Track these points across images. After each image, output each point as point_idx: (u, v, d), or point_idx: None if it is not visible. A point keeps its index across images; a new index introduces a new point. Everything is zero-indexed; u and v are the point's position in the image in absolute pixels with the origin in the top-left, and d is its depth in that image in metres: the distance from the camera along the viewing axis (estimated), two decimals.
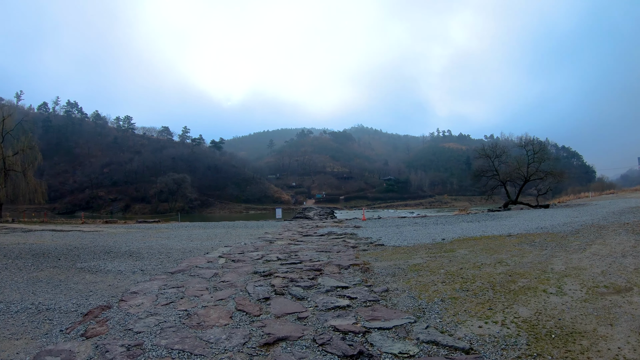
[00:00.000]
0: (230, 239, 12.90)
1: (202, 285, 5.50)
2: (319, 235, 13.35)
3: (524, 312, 4.08)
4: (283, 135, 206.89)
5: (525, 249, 7.80)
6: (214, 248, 10.15)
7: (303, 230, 15.58)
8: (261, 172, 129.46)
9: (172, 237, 14.06)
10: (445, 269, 6.13)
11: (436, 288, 5.00)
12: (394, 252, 8.35)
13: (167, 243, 11.78)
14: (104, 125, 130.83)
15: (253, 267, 6.85)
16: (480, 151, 37.09)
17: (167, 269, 7.10)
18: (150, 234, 15.49)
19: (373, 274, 6.04)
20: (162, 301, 4.76)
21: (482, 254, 7.49)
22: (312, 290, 5.02)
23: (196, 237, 13.58)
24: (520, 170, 33.21)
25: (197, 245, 11.08)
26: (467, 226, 14.94)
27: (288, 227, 18.53)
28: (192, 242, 12.07)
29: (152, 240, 12.69)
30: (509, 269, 5.89)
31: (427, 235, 11.88)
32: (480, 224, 15.94)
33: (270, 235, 13.91)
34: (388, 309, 4.15)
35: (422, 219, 21.58)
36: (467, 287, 4.97)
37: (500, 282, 5.15)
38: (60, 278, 6.59)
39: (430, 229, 14.17)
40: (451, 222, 18.14)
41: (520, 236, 10.10)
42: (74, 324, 4.09)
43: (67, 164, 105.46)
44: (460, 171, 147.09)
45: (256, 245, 10.59)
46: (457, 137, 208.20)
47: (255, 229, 17.58)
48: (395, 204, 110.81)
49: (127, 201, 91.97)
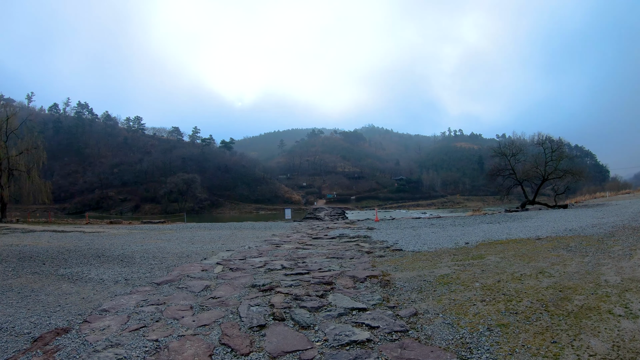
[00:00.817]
0: (235, 241, 12.00)
1: (187, 303, 4.53)
2: (329, 238, 12.35)
3: (598, 345, 3.05)
4: (294, 135, 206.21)
5: (563, 256, 6.73)
6: (214, 252, 9.22)
7: (313, 233, 14.61)
8: (272, 172, 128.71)
9: (173, 239, 13.20)
10: (480, 282, 5.09)
11: (476, 309, 3.97)
12: (414, 259, 7.32)
13: (165, 246, 10.90)
14: (114, 126, 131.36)
15: (252, 277, 5.86)
16: (496, 149, 35.66)
17: (155, 278, 6.19)
18: (151, 236, 14.67)
19: (395, 288, 5.01)
20: (133, 324, 3.81)
21: (516, 261, 6.44)
22: (321, 312, 3.99)
23: (198, 240, 12.71)
24: (538, 169, 31.79)
25: (197, 248, 10.18)
26: (488, 228, 13.84)
27: (297, 228, 17.59)
28: (192, 245, 11.18)
29: (150, 243, 11.84)
30: (556, 282, 4.85)
31: (448, 238, 10.81)
32: (502, 225, 14.84)
33: (277, 237, 12.97)
34: (422, 345, 3.11)
35: (437, 220, 20.47)
36: (515, 308, 3.94)
37: (552, 301, 4.11)
38: (34, 287, 5.81)
39: (449, 231, 13.10)
40: (469, 223, 17.02)
41: (551, 240, 9.01)
42: (17, 354, 3.20)
43: (77, 164, 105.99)
44: (473, 171, 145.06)
45: (261, 249, 9.63)
46: (468, 136, 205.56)
47: (263, 230, 16.68)
48: (407, 204, 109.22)
49: (137, 201, 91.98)
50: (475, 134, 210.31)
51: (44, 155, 29.60)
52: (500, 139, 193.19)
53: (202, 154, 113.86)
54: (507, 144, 36.29)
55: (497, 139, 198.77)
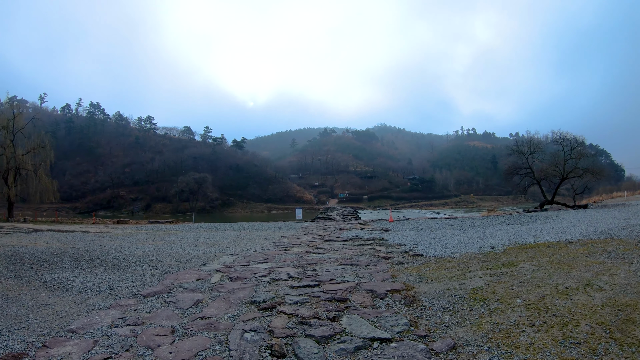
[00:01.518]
0: (241, 244, 11.26)
1: (170, 324, 3.73)
2: (342, 240, 11.50)
3: None
4: (306, 134, 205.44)
5: (605, 263, 5.86)
6: (216, 256, 8.47)
7: (324, 234, 13.78)
8: (283, 171, 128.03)
9: (176, 240, 12.52)
10: (521, 298, 4.22)
11: (528, 339, 3.11)
12: (439, 267, 6.45)
13: (166, 249, 10.20)
14: (125, 126, 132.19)
15: (253, 290, 5.03)
16: (512, 148, 34.35)
17: (143, 287, 5.44)
18: (154, 237, 14.02)
19: (422, 307, 4.13)
20: (97, 354, 3.04)
21: (555, 270, 5.56)
22: (333, 344, 3.13)
23: (203, 242, 12.00)
24: (557, 168, 30.47)
25: (199, 251, 9.45)
26: (511, 229, 12.89)
27: (308, 229, 16.79)
28: (195, 247, 10.46)
29: (151, 245, 11.16)
30: (610, 297, 4.01)
31: (471, 241, 9.89)
32: (525, 226, 13.88)
33: (286, 239, 12.17)
34: None
35: (454, 221, 19.48)
36: (574, 336, 3.10)
37: (614, 324, 3.30)
38: (10, 295, 5.17)
39: (470, 233, 12.18)
40: (489, 224, 16.03)
41: (584, 243, 8.10)
42: None
43: (89, 163, 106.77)
44: (486, 170, 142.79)
45: (267, 253, 8.84)
46: (481, 135, 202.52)
47: (272, 231, 15.94)
48: (420, 203, 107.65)
49: (148, 200, 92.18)
50: (489, 133, 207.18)
51: (52, 154, 29.27)
52: (514, 138, 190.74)
53: (214, 154, 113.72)
54: (524, 142, 34.89)
55: (511, 138, 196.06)
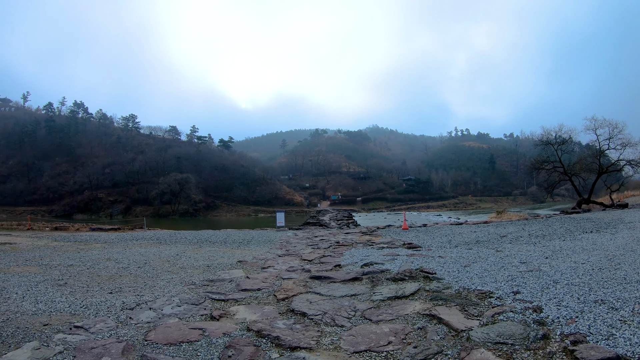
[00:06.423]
0: (141, 286, 5.81)
1: None
2: (345, 278, 5.93)
3: None
4: (297, 135, 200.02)
5: None
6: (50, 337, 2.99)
7: (313, 256, 8.29)
8: (273, 172, 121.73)
9: (39, 272, 6.95)
10: None
11: None
12: None
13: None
14: (109, 125, 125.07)
15: None
16: (540, 137, 29.04)
17: None
18: (35, 257, 8.37)
19: None
20: None
21: None
22: None
23: (75, 276, 6.48)
24: (595, 160, 25.25)
25: (28, 314, 3.96)
26: (602, 243, 7.63)
27: (289, 244, 11.32)
28: (44, 296, 4.97)
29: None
30: None
31: (593, 275, 4.53)
32: (608, 237, 8.61)
33: (240, 273, 6.69)
34: None
35: (485, 228, 14.09)
36: None
37: None
38: None
39: (534, 254, 6.87)
40: (560, 233, 10.71)
41: None
42: None
43: (68, 164, 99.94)
44: (484, 170, 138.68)
45: (149, 335, 3.38)
46: (476, 136, 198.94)
47: (233, 248, 10.48)
48: (417, 205, 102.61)
49: (128, 203, 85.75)
50: (483, 133, 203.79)
51: None
52: (508, 138, 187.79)
53: (198, 153, 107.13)
54: (555, 130, 29.25)
55: (505, 138, 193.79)
